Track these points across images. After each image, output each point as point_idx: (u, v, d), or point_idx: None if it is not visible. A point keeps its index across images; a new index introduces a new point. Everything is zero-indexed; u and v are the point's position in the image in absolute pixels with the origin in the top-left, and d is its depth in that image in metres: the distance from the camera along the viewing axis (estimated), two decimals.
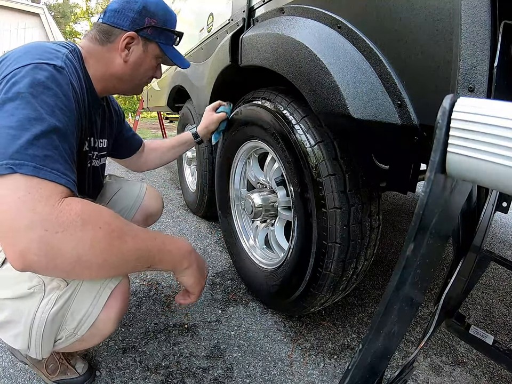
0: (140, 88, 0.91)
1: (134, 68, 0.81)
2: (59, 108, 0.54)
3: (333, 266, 0.87)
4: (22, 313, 0.59)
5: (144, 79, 0.87)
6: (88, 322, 0.62)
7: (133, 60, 0.80)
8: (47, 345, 0.63)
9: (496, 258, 0.92)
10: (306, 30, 0.78)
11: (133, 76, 0.83)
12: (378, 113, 0.62)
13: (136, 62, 0.80)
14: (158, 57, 0.85)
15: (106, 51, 0.77)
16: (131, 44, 0.77)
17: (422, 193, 0.34)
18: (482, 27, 0.46)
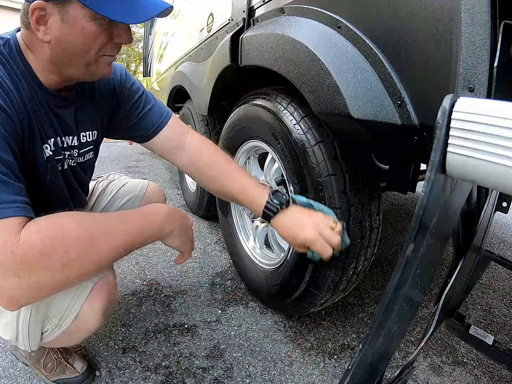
0: (97, 65, 0.64)
1: (62, 47, 0.59)
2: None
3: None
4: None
5: (90, 53, 0.61)
6: (72, 313, 0.62)
7: (54, 37, 0.57)
8: (34, 336, 0.63)
9: (496, 258, 0.92)
10: (306, 30, 0.78)
11: (70, 57, 0.61)
12: (378, 113, 0.62)
13: (59, 38, 0.58)
14: (92, 18, 0.57)
15: (31, 34, 0.59)
16: (44, 16, 0.56)
17: (422, 193, 0.34)
18: (482, 27, 0.46)
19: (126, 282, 1.33)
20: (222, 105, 1.52)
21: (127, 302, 1.21)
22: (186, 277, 1.40)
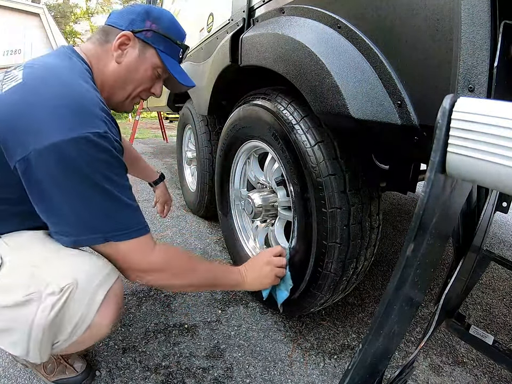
0: (132, 101, 0.81)
1: (128, 72, 0.74)
2: (117, 174, 0.62)
3: (333, 266, 0.87)
4: (19, 321, 0.58)
5: (138, 88, 0.79)
6: (84, 325, 0.63)
7: (126, 62, 0.73)
8: (46, 349, 0.63)
9: (496, 258, 0.92)
10: (306, 30, 0.78)
11: (126, 81, 0.75)
12: (378, 113, 0.62)
13: (129, 65, 0.74)
14: (156, 67, 0.78)
15: (103, 52, 0.73)
16: (126, 45, 0.73)
17: (422, 193, 0.34)
18: (482, 27, 0.45)
19: (126, 282, 1.33)
20: (222, 105, 1.52)
21: (127, 302, 1.21)
22: None
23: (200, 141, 1.80)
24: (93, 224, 0.60)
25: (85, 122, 0.56)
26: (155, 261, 0.69)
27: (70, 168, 0.55)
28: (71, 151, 0.54)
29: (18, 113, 0.55)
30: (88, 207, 0.58)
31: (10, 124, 0.55)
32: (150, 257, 0.68)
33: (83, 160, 0.55)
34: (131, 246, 0.64)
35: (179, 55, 0.82)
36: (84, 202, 0.57)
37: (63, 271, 0.60)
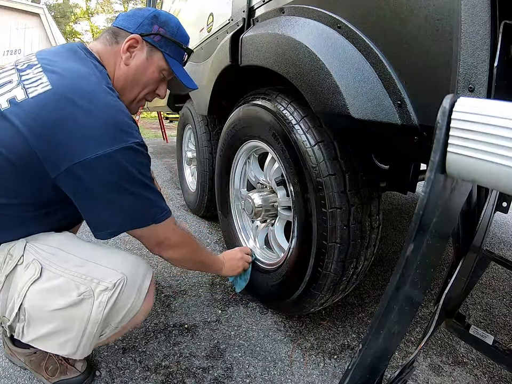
0: (138, 103, 0.84)
1: (135, 74, 0.77)
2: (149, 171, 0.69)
3: (333, 266, 0.87)
4: (74, 320, 0.61)
5: (144, 90, 0.81)
6: (132, 314, 0.69)
7: (134, 64, 0.76)
8: (93, 344, 0.66)
9: (496, 258, 0.92)
10: (306, 30, 0.78)
11: (134, 83, 0.78)
12: (378, 113, 0.62)
13: (137, 67, 0.77)
14: (162, 69, 0.80)
15: (112, 52, 0.76)
16: (135, 47, 0.75)
17: (422, 193, 0.34)
18: (482, 27, 0.45)
19: None
20: (222, 105, 1.52)
21: None
22: (186, 277, 1.40)
23: (200, 141, 1.80)
24: (145, 214, 0.68)
25: (127, 133, 0.62)
26: (179, 237, 0.79)
27: (123, 173, 0.61)
28: (121, 159, 0.60)
29: (59, 124, 0.57)
30: (140, 202, 0.66)
31: (52, 135, 0.57)
32: (176, 234, 0.78)
33: (132, 166, 0.62)
34: (165, 225, 0.72)
35: (183, 58, 0.85)
36: (136, 199, 0.65)
37: (111, 267, 0.64)
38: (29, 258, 0.62)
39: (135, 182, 0.64)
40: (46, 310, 0.60)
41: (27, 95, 0.59)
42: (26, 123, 0.57)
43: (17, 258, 0.62)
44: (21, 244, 0.64)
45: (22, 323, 0.61)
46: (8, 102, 0.59)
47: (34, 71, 0.63)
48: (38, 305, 0.59)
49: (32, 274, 0.60)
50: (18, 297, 0.59)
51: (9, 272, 0.61)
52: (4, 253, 0.63)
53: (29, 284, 0.59)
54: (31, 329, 0.61)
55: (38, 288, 0.60)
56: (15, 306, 0.59)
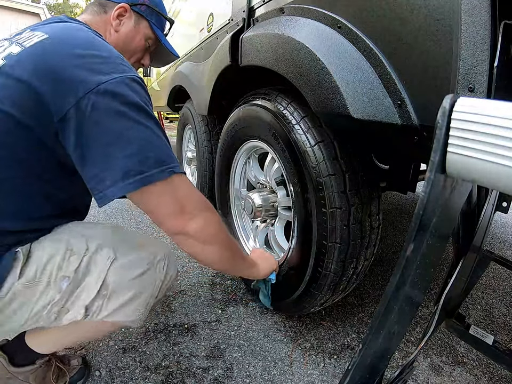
0: None
1: (125, 41, 0.81)
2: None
3: (333, 266, 0.87)
4: (146, 285, 0.72)
5: (132, 58, 0.85)
6: (172, 280, 0.79)
7: (123, 31, 0.80)
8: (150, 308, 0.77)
9: (496, 258, 0.92)
10: (307, 30, 0.78)
11: (123, 50, 0.80)
12: (378, 113, 0.62)
13: (127, 34, 0.81)
14: (148, 38, 0.85)
15: (102, 21, 0.79)
16: (123, 16, 0.80)
17: (422, 193, 0.34)
18: (482, 27, 0.45)
19: None
20: (222, 105, 1.52)
21: None
22: (186, 277, 1.40)
23: (200, 141, 1.80)
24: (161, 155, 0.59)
25: (126, 66, 0.61)
26: (204, 200, 0.72)
27: (133, 102, 0.57)
28: (123, 88, 0.56)
29: (61, 62, 0.55)
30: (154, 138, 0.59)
31: (55, 73, 0.54)
32: (199, 194, 0.71)
33: (137, 95, 0.58)
34: (184, 180, 0.65)
35: (165, 27, 0.91)
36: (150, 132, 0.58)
37: (156, 245, 0.77)
38: (94, 246, 0.67)
39: (146, 114, 0.58)
40: (126, 280, 0.68)
41: (23, 47, 0.58)
42: (26, 69, 0.55)
43: (82, 252, 0.66)
44: (79, 239, 0.67)
45: (102, 300, 0.67)
46: (3, 59, 0.57)
47: (25, 34, 0.63)
48: (120, 278, 0.68)
49: (109, 256, 0.68)
50: (101, 275, 0.66)
51: (77, 266, 0.65)
52: (61, 251, 0.64)
53: (109, 264, 0.67)
54: (110, 303, 0.68)
55: (116, 265, 0.68)
56: (97, 284, 0.66)
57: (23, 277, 0.60)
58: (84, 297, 0.66)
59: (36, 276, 0.61)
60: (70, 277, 0.64)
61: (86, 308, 0.66)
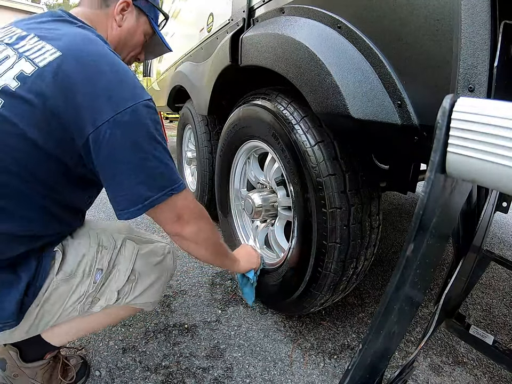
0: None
1: (127, 35, 0.81)
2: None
3: (333, 266, 0.87)
4: (163, 271, 0.84)
5: (131, 53, 0.86)
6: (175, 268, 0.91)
7: (126, 26, 0.80)
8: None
9: (496, 258, 0.92)
10: (306, 30, 0.78)
11: (124, 45, 0.82)
12: (378, 113, 0.62)
13: (129, 29, 0.81)
14: (146, 33, 0.86)
15: (104, 15, 0.77)
16: (125, 10, 0.79)
17: (422, 193, 0.34)
18: (482, 27, 0.46)
19: None
20: (222, 105, 1.52)
21: None
22: (186, 277, 1.40)
23: (200, 141, 1.80)
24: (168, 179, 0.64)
25: (139, 88, 0.62)
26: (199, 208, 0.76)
27: (146, 131, 0.60)
28: (138, 117, 0.59)
29: (78, 89, 0.55)
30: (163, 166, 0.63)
31: (74, 100, 0.55)
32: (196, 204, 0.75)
33: (150, 122, 0.61)
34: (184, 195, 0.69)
35: (161, 23, 0.93)
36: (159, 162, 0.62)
37: (161, 240, 0.88)
38: (120, 241, 0.78)
39: (157, 143, 0.62)
40: (150, 265, 0.80)
41: (36, 65, 0.56)
42: (44, 95, 0.54)
43: (112, 247, 0.76)
44: (107, 236, 0.77)
45: (132, 283, 0.77)
46: (16, 79, 0.55)
47: (30, 41, 0.59)
48: (146, 264, 0.80)
49: (134, 247, 0.79)
50: (130, 264, 0.77)
51: (109, 259, 0.75)
52: (93, 247, 0.74)
53: (136, 253, 0.79)
54: (138, 285, 0.78)
55: (141, 254, 0.80)
56: (127, 271, 0.76)
57: (61, 273, 0.68)
58: (117, 283, 0.75)
59: (72, 270, 0.69)
60: (103, 269, 0.73)
61: (117, 292, 0.76)
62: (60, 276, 0.67)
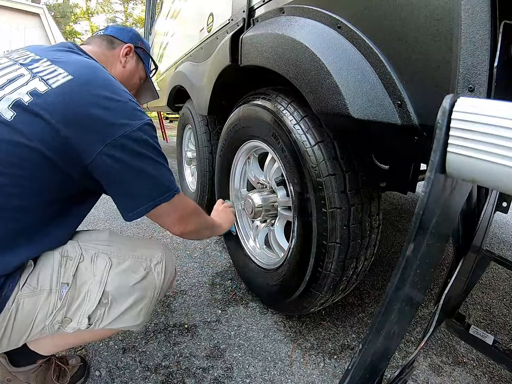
0: None
1: (129, 76, 0.92)
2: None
3: (333, 266, 0.87)
4: (147, 289, 0.74)
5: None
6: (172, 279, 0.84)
7: (128, 68, 0.91)
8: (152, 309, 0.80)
9: (496, 258, 0.92)
10: (306, 30, 0.78)
11: (125, 84, 0.86)
12: (378, 113, 0.62)
13: (130, 71, 0.92)
14: (141, 78, 0.97)
15: (111, 55, 0.88)
16: (128, 55, 0.91)
17: (422, 193, 0.34)
18: (482, 27, 0.45)
19: None
20: (222, 105, 1.52)
21: None
22: (186, 277, 1.40)
23: (200, 141, 1.80)
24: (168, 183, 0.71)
25: (141, 112, 0.68)
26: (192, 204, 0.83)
27: (147, 144, 0.66)
28: (143, 133, 0.65)
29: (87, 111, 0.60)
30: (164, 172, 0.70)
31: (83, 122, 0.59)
32: (189, 202, 0.82)
33: (151, 139, 0.67)
34: (181, 196, 0.75)
35: (151, 71, 1.05)
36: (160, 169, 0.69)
37: (151, 248, 0.80)
38: (89, 254, 0.70)
39: (157, 153, 0.69)
40: (127, 286, 0.71)
41: (49, 86, 0.59)
42: (55, 113, 0.58)
43: (77, 257, 0.68)
44: (73, 245, 0.70)
45: (104, 308, 0.69)
46: (29, 94, 0.58)
47: (43, 64, 0.64)
48: (120, 285, 0.70)
49: (106, 263, 0.70)
50: (100, 285, 0.68)
51: (75, 271, 0.67)
52: (57, 259, 0.67)
53: (107, 271, 0.69)
54: (112, 310, 0.69)
55: (115, 272, 0.70)
56: (97, 294, 0.68)
57: (26, 285, 0.62)
58: (86, 307, 0.67)
59: (37, 284, 0.63)
60: (69, 283, 0.66)
61: (88, 318, 0.68)
62: (25, 289, 0.62)
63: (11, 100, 0.57)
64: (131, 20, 22.50)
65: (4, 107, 0.57)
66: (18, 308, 0.61)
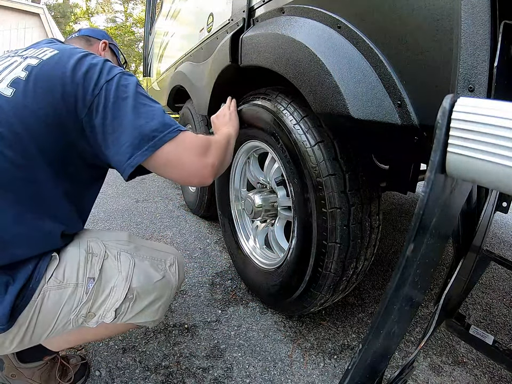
0: None
1: None
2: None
3: (333, 266, 0.87)
4: (165, 288, 0.77)
5: None
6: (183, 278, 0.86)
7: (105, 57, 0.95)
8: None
9: (496, 258, 0.92)
10: (306, 30, 0.78)
11: None
12: (378, 113, 0.62)
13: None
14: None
15: (91, 50, 0.91)
16: (104, 50, 0.99)
17: (422, 193, 0.34)
18: (482, 27, 0.46)
19: None
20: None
21: None
22: (186, 277, 1.40)
23: None
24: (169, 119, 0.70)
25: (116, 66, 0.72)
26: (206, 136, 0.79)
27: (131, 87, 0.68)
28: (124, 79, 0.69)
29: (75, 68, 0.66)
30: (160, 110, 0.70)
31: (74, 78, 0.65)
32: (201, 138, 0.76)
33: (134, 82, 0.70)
34: (189, 132, 0.73)
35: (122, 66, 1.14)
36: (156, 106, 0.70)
37: (164, 251, 0.83)
38: (113, 252, 0.73)
39: (145, 96, 0.70)
40: (150, 283, 0.74)
41: (40, 59, 0.66)
42: (50, 78, 0.64)
43: (102, 254, 0.72)
44: (97, 242, 0.73)
45: (129, 302, 0.72)
46: (24, 70, 0.64)
47: (32, 51, 0.71)
48: (144, 282, 0.73)
49: (129, 262, 0.73)
50: (126, 281, 0.71)
51: (100, 267, 0.70)
52: (83, 254, 0.70)
53: (132, 269, 0.73)
54: (135, 305, 0.73)
55: (139, 270, 0.73)
56: (124, 289, 0.70)
57: (52, 279, 0.64)
58: (112, 301, 0.70)
59: (64, 278, 0.65)
60: (95, 278, 0.69)
61: (115, 311, 0.70)
62: (51, 282, 0.64)
63: (9, 80, 0.63)
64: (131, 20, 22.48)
65: (3, 86, 0.62)
66: (43, 300, 0.62)
